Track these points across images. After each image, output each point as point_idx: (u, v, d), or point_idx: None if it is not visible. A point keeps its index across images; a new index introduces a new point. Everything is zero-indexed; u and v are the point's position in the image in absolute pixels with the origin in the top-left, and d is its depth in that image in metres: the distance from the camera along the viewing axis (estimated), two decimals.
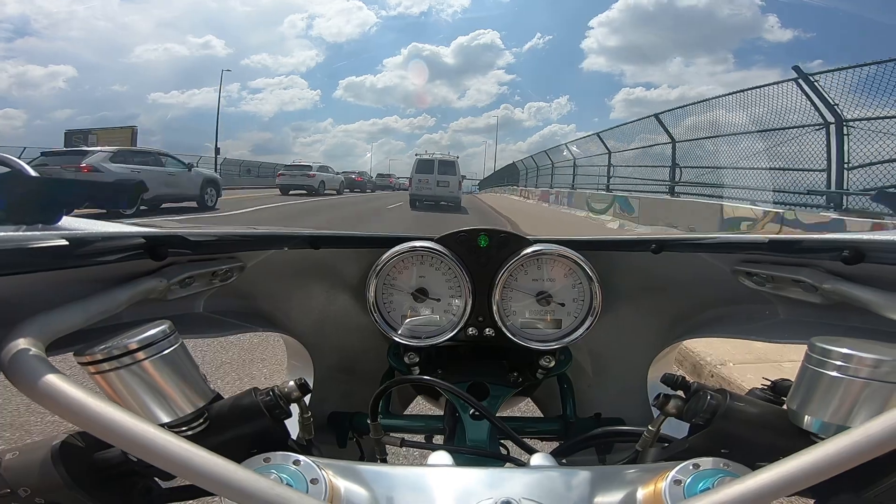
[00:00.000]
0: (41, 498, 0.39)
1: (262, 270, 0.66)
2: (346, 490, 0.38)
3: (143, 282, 0.47)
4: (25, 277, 0.37)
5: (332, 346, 0.80)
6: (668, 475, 0.36)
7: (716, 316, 0.69)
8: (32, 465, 0.39)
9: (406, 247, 0.68)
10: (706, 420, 0.43)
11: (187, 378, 0.41)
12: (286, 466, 0.37)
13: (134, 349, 0.38)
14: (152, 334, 0.39)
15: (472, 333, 0.71)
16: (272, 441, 0.44)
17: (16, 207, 0.46)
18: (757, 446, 0.41)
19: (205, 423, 0.42)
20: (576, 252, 0.66)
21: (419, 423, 0.76)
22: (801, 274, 0.54)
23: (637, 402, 0.76)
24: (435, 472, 0.41)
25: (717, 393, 0.44)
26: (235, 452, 0.38)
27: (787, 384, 0.45)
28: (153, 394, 0.39)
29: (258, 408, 0.44)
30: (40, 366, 0.31)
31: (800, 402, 0.39)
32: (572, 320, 0.69)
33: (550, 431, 0.75)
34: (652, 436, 0.47)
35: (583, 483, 0.39)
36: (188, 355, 0.42)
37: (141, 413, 0.38)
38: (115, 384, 0.38)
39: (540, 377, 0.72)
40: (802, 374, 0.39)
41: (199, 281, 0.55)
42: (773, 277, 0.58)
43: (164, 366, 0.39)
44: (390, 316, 0.71)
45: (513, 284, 0.69)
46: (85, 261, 0.42)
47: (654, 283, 0.72)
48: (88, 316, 0.40)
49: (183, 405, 0.40)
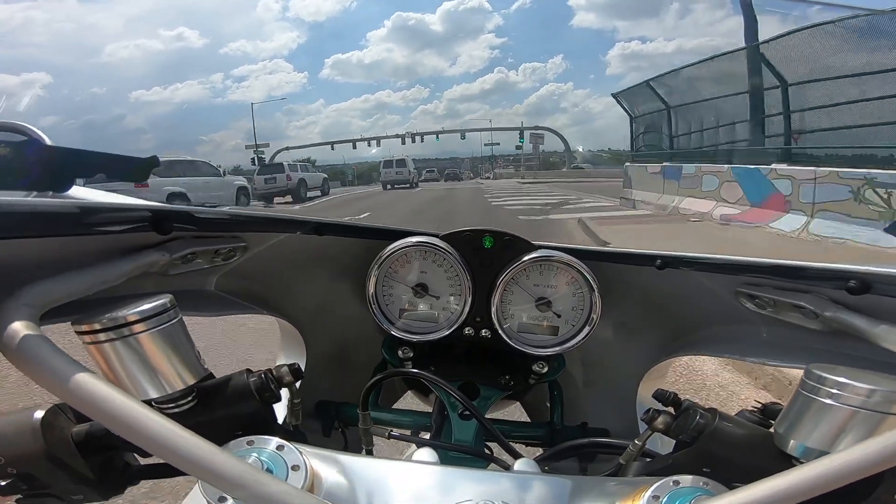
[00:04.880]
0: (14, 468, 0.39)
1: (265, 253, 0.67)
2: (327, 479, 0.38)
3: (145, 254, 0.48)
4: (30, 242, 0.38)
5: (326, 335, 0.81)
6: (647, 491, 0.36)
7: (713, 335, 0.68)
8: (10, 434, 0.38)
9: (410, 241, 0.68)
10: (692, 438, 0.43)
11: (182, 354, 0.41)
12: (268, 451, 0.37)
13: (133, 321, 0.37)
14: (153, 307, 0.39)
15: (469, 333, 0.71)
16: (259, 424, 0.44)
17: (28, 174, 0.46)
18: (739, 467, 0.40)
19: (193, 400, 0.42)
20: (580, 261, 0.66)
21: (407, 418, 0.76)
22: (803, 300, 0.54)
23: (624, 414, 0.75)
24: (418, 468, 0.42)
25: (707, 412, 0.44)
26: (220, 432, 0.38)
27: (778, 408, 0.45)
28: (145, 368, 0.39)
29: (248, 389, 0.44)
30: (29, 334, 0.31)
31: (787, 426, 0.39)
32: (569, 328, 0.69)
33: (536, 437, 0.75)
34: (637, 450, 0.47)
35: (563, 491, 0.39)
36: (185, 331, 0.42)
37: (130, 386, 0.39)
38: (108, 355, 0.38)
39: (532, 382, 0.72)
40: (795, 399, 0.39)
41: (201, 258, 0.56)
42: (775, 301, 0.57)
43: (161, 340, 0.39)
44: (388, 309, 0.71)
45: (513, 288, 0.69)
46: (90, 229, 0.42)
47: (655, 299, 0.72)
48: (88, 285, 0.40)
49: (174, 381, 0.40)
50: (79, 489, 0.41)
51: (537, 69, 36.96)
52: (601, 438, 0.58)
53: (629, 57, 31.42)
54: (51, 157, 0.50)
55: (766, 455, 0.40)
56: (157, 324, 0.39)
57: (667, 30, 30.79)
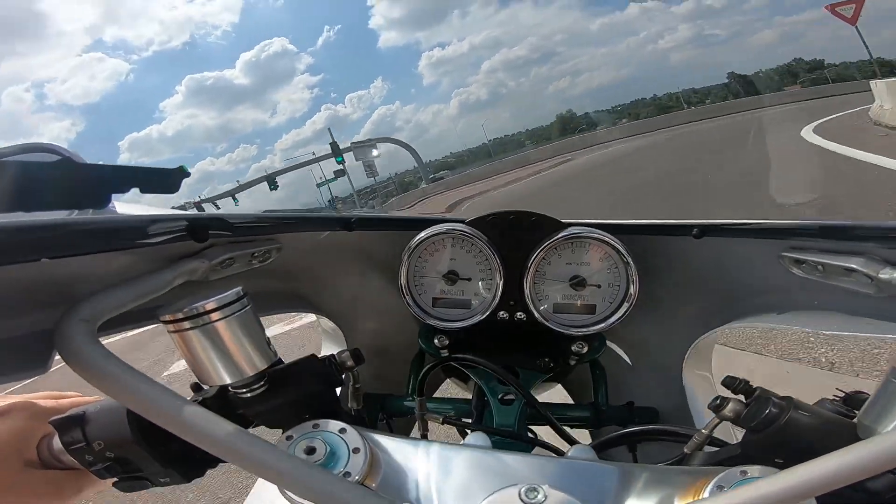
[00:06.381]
0: (111, 452, 0.43)
1: (299, 252, 0.67)
2: (386, 461, 0.40)
3: (186, 263, 0.49)
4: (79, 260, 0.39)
5: (365, 328, 0.82)
6: (712, 481, 0.34)
7: (758, 304, 0.66)
8: (108, 420, 0.42)
9: (437, 229, 0.68)
10: (764, 427, 0.41)
11: (255, 340, 0.43)
12: (332, 434, 0.40)
13: (211, 309, 0.40)
14: (227, 296, 0.42)
15: (504, 317, 0.70)
16: (324, 407, 0.46)
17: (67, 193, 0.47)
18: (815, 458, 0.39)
19: (265, 385, 0.45)
20: (612, 236, 0.65)
21: (447, 406, 0.76)
22: (855, 262, 0.50)
23: (672, 391, 0.74)
24: (472, 452, 0.42)
25: (782, 400, 0.41)
26: (289, 416, 0.43)
27: (863, 397, 0.42)
28: (223, 353, 0.42)
29: (314, 374, 0.47)
30: (91, 346, 0.33)
31: (874, 417, 0.36)
32: (607, 306, 0.68)
33: (581, 419, 0.74)
34: (703, 439, 0.45)
35: (621, 480, 0.39)
36: (257, 319, 0.45)
37: (211, 371, 0.42)
38: (191, 342, 0.41)
39: (572, 363, 0.71)
40: (884, 388, 0.36)
41: (239, 262, 0.57)
42: (824, 266, 0.54)
43: (237, 327, 0.42)
44: (421, 298, 0.71)
45: (546, 268, 0.68)
46: (132, 243, 0.44)
47: (695, 270, 0.70)
48: (137, 296, 0.42)
49: (247, 366, 0.43)
50: (166, 472, 0.45)
51: (363, 97, 34.52)
52: (665, 426, 0.56)
53: (436, 64, 30.06)
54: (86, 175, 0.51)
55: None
56: (232, 311, 0.42)
57: (456, 31, 29.20)
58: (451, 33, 47.08)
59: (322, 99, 53.96)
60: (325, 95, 53.56)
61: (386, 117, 49.64)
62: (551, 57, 42.11)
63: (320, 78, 52.19)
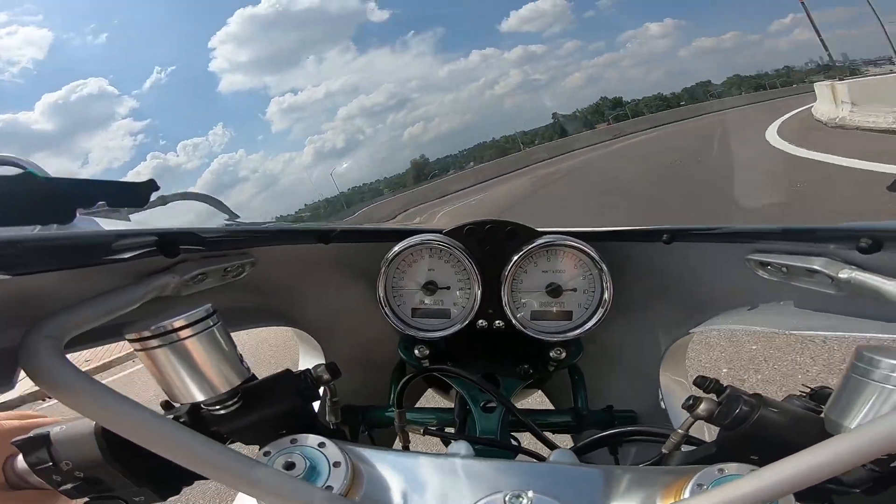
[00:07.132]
0: (81, 472, 0.42)
1: (273, 266, 0.66)
2: (367, 474, 0.39)
3: (156, 278, 0.48)
4: (43, 276, 0.38)
5: (343, 340, 0.81)
6: (691, 480, 0.35)
7: (728, 306, 0.68)
8: (76, 440, 0.41)
9: (414, 240, 0.68)
10: (737, 425, 0.42)
11: (226, 356, 0.43)
12: (311, 448, 0.39)
13: (179, 327, 0.39)
14: (196, 312, 0.41)
15: (482, 326, 0.71)
16: (300, 422, 0.46)
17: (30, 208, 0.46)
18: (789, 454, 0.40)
19: (238, 401, 0.44)
20: (586, 243, 0.66)
21: (430, 416, 0.76)
22: (816, 263, 0.52)
23: (649, 395, 0.75)
24: (455, 461, 0.42)
25: (752, 398, 0.43)
26: (265, 432, 0.42)
27: (827, 392, 0.44)
28: (193, 371, 0.40)
29: (290, 389, 0.46)
30: (57, 364, 0.32)
31: (839, 412, 0.38)
32: (583, 312, 0.69)
33: (562, 423, 0.75)
34: (680, 438, 0.46)
35: (603, 482, 0.39)
36: (228, 336, 0.44)
37: (180, 389, 0.41)
38: (159, 360, 0.40)
39: (551, 369, 0.72)
40: (846, 382, 0.38)
41: (211, 277, 0.56)
42: (788, 267, 0.57)
43: (206, 344, 0.41)
44: (401, 309, 0.71)
45: (522, 276, 0.69)
46: (99, 259, 0.43)
47: (667, 274, 0.72)
48: (104, 313, 0.41)
49: (220, 383, 0.42)
50: (140, 490, 0.43)
51: (199, 144, 31.65)
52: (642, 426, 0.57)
53: (287, 111, 29.60)
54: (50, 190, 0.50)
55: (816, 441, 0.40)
56: (201, 328, 0.41)
57: (311, 76, 29.21)
58: (306, 79, 44.92)
59: (148, 146, 45.98)
60: (153, 143, 45.48)
61: (228, 166, 45.61)
62: (406, 103, 42.61)
63: (147, 123, 44.58)
